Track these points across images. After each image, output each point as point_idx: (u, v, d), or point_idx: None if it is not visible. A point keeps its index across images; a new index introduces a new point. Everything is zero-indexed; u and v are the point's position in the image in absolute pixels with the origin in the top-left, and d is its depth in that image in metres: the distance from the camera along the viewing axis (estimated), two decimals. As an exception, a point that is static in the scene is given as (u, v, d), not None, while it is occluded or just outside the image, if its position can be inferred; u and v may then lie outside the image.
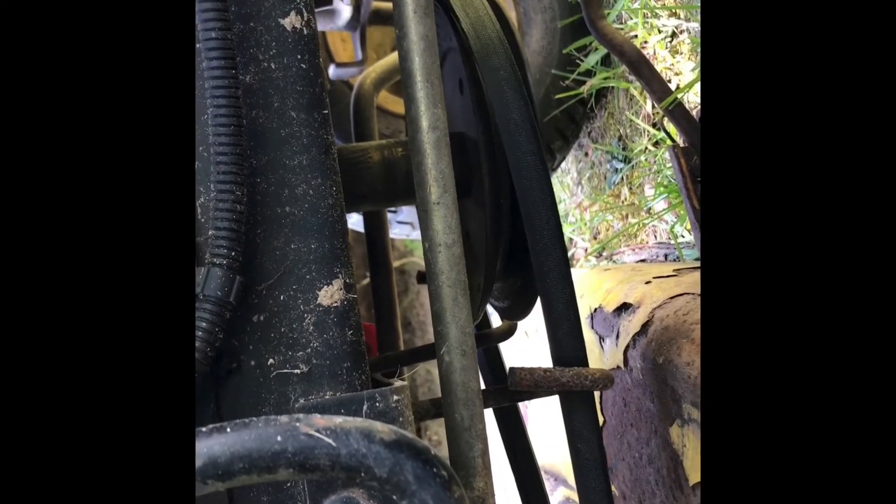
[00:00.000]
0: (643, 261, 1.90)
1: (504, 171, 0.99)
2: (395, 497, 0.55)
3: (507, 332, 1.31)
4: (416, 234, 2.58)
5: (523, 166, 0.93)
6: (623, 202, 2.18)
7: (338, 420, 0.54)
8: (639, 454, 1.30)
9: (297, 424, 0.53)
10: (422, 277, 1.54)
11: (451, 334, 0.78)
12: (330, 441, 0.52)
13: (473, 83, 1.01)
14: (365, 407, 0.69)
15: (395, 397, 0.70)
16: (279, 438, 0.52)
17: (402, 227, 2.61)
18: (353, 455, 0.53)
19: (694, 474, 1.11)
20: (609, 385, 0.95)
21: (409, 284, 4.15)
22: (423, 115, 0.79)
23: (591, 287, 1.50)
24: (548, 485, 1.78)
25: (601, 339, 1.39)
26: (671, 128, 1.28)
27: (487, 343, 1.31)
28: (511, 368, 0.91)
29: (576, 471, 0.97)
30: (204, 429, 0.52)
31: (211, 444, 0.51)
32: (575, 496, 1.67)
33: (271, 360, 0.71)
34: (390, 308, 1.41)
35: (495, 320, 1.39)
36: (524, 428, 1.36)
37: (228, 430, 0.52)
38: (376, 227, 1.44)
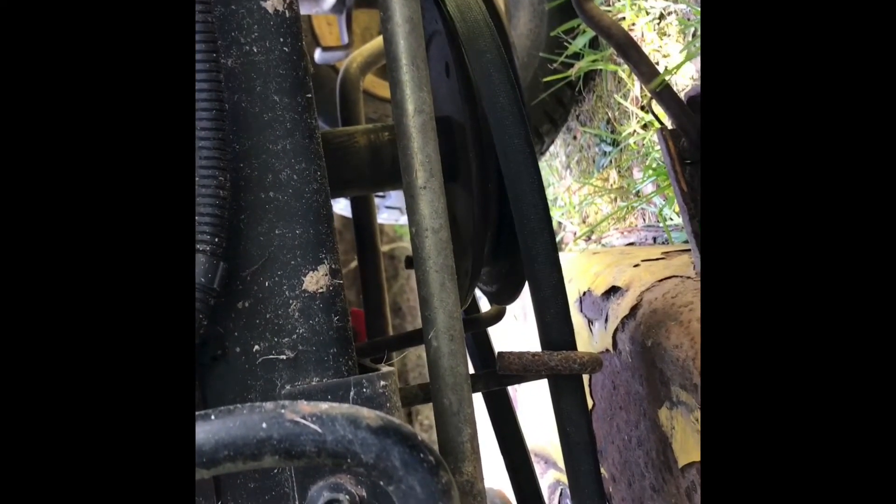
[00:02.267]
0: (632, 244, 1.90)
1: (491, 155, 0.98)
2: (382, 483, 0.55)
3: (496, 317, 1.31)
4: (405, 219, 2.57)
5: (511, 150, 0.92)
6: (612, 185, 2.18)
7: (323, 406, 0.53)
8: (628, 437, 1.30)
9: (283, 411, 0.52)
10: (410, 263, 1.53)
11: (439, 319, 0.78)
12: (316, 427, 0.52)
13: (460, 66, 1.00)
14: (352, 393, 0.68)
15: (382, 383, 0.70)
16: (264, 425, 0.52)
17: (391, 211, 2.60)
18: (340, 441, 0.52)
19: (683, 456, 1.11)
20: (598, 368, 0.95)
21: (398, 269, 4.14)
22: (408, 98, 0.78)
23: (580, 271, 1.50)
24: (538, 468, 1.79)
25: (590, 322, 1.39)
26: (659, 110, 1.27)
27: (476, 328, 1.31)
28: (499, 353, 0.91)
29: (565, 454, 0.97)
30: (188, 416, 0.52)
31: (195, 432, 0.51)
32: (565, 478, 1.67)
33: (257, 347, 0.71)
34: (378, 293, 1.41)
35: (484, 305, 1.39)
36: (513, 411, 1.36)
37: (213, 417, 0.52)
38: (364, 211, 1.43)
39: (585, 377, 1.43)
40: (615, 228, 2.05)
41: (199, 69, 0.68)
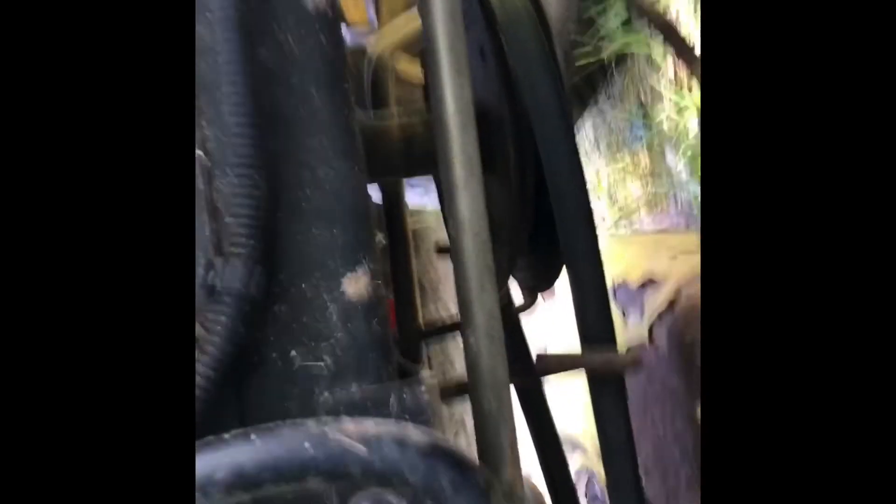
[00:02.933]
0: (664, 229, 1.86)
1: (529, 147, 0.95)
2: (429, 502, 0.53)
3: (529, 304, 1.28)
4: (427, 199, 2.53)
5: (552, 144, 0.89)
6: (643, 169, 2.14)
7: (369, 425, 0.51)
8: (663, 431, 1.28)
9: (327, 430, 0.50)
10: (439, 249, 1.51)
11: (478, 320, 0.75)
12: (362, 448, 0.50)
13: (498, 55, 0.96)
14: (392, 400, 0.66)
15: (423, 389, 0.67)
16: (308, 446, 0.49)
17: (413, 189, 2.57)
18: (386, 462, 0.50)
19: (722, 455, 1.08)
20: (638, 367, 0.92)
21: (420, 245, 4.11)
22: (447, 92, 0.75)
23: (613, 258, 1.47)
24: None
25: (624, 313, 1.36)
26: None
27: (508, 316, 1.28)
28: (538, 355, 0.88)
29: (604, 454, 0.95)
30: (228, 436, 0.50)
31: (236, 455, 0.49)
32: (591, 464, 1.64)
33: (294, 353, 0.68)
34: (408, 281, 1.38)
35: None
36: (546, 400, 1.33)
37: (253, 437, 0.50)
38: (393, 198, 1.40)
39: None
40: (646, 213, 2.01)
41: (230, 60, 0.65)
